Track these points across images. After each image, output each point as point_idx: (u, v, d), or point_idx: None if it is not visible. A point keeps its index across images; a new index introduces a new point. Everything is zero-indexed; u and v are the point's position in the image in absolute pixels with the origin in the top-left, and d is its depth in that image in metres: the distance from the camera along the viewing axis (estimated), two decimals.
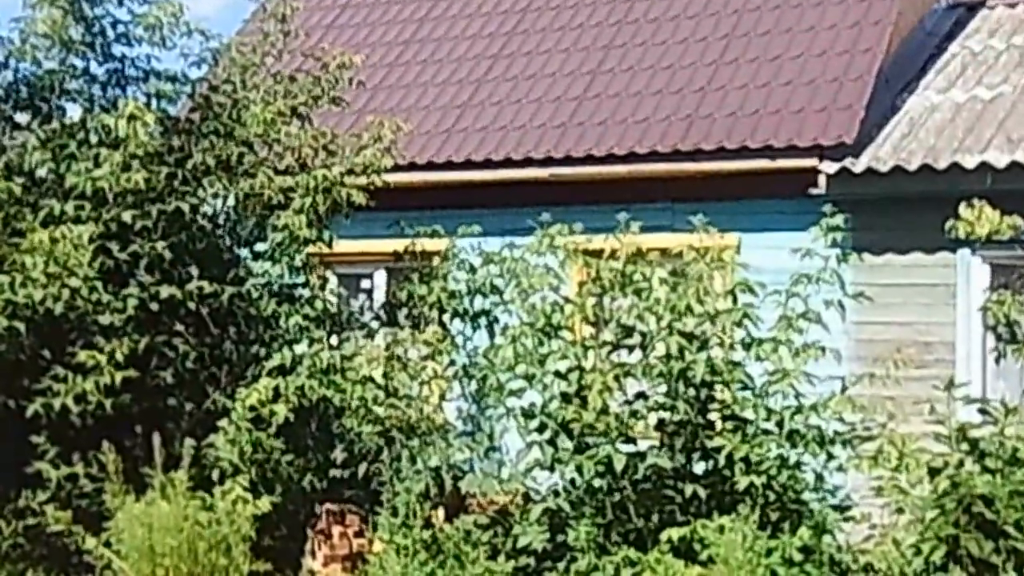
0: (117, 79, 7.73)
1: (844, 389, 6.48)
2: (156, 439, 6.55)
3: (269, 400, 6.92)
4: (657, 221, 7.72)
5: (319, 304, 7.76)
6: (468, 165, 10.09)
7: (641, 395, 6.68)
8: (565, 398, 6.50)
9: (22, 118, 7.71)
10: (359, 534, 7.23)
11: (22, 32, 7.49)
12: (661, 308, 6.48)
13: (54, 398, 6.76)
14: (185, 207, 7.29)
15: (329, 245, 7.98)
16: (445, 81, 11.17)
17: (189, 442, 6.71)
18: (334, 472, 7.40)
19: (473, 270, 7.82)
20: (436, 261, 8.13)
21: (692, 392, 6.44)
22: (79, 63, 7.62)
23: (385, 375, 7.49)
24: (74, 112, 7.82)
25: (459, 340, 7.88)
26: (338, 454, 7.41)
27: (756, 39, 10.31)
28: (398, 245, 8.44)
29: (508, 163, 9.97)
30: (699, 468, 6.52)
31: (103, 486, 6.65)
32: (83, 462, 6.85)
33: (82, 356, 6.76)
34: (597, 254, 6.84)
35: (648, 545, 6.25)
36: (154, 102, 7.50)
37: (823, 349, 6.41)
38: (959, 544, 5.58)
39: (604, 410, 6.38)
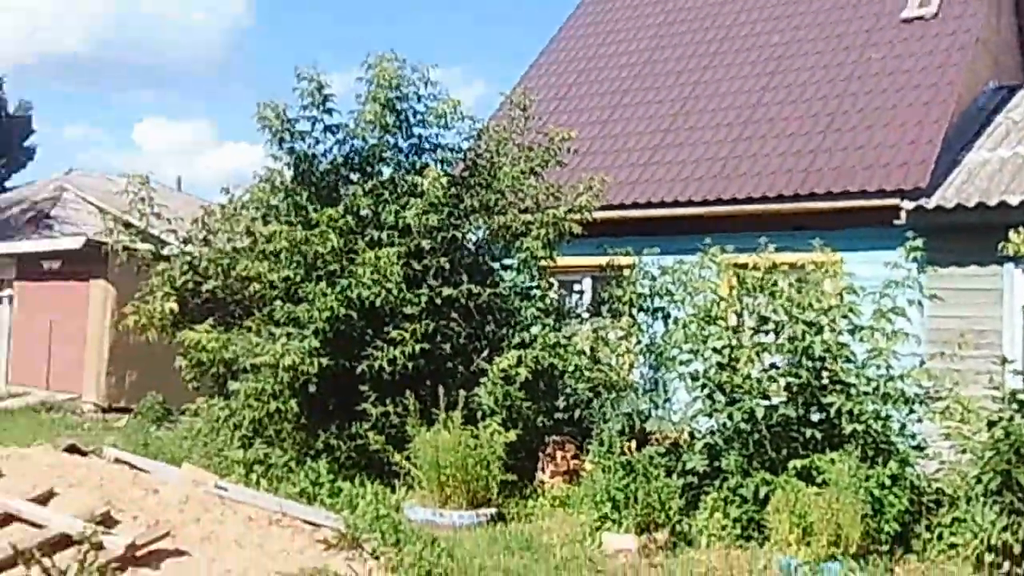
0: (416, 150, 10.68)
1: (922, 363, 8.20)
2: (440, 390, 8.95)
3: (514, 365, 9.36)
4: (786, 243, 9.38)
5: (547, 300, 10.38)
6: (649, 205, 12.66)
7: (773, 365, 8.53)
8: (720, 366, 8.41)
9: (353, 176, 10.72)
10: (575, 457, 9.51)
11: (355, 120, 10.52)
12: (789, 304, 8.36)
13: (375, 361, 9.32)
14: (459, 235, 10.23)
15: (554, 260, 10.67)
16: (632, 147, 13.96)
17: (461, 393, 8.95)
18: (557, 415, 9.80)
19: (653, 278, 9.97)
20: (627, 272, 10.41)
21: (811, 364, 8.16)
22: (391, 140, 10.47)
23: (593, 349, 9.90)
24: (386, 172, 10.69)
25: (643, 327, 10.09)
26: (560, 403, 9.88)
27: (855, 114, 12.54)
28: (601, 261, 10.94)
29: (676, 203, 12.41)
30: (815, 417, 8.15)
31: (406, 420, 8.99)
32: (392, 404, 9.26)
33: (393, 334, 9.38)
34: (743, 266, 8.86)
35: (779, 471, 7.84)
36: (440, 166, 10.43)
37: (906, 334, 8.14)
38: (1011, 476, 6.77)
39: (748, 375, 8.29)
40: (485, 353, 9.88)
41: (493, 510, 8.65)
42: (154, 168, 11.99)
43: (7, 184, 33.87)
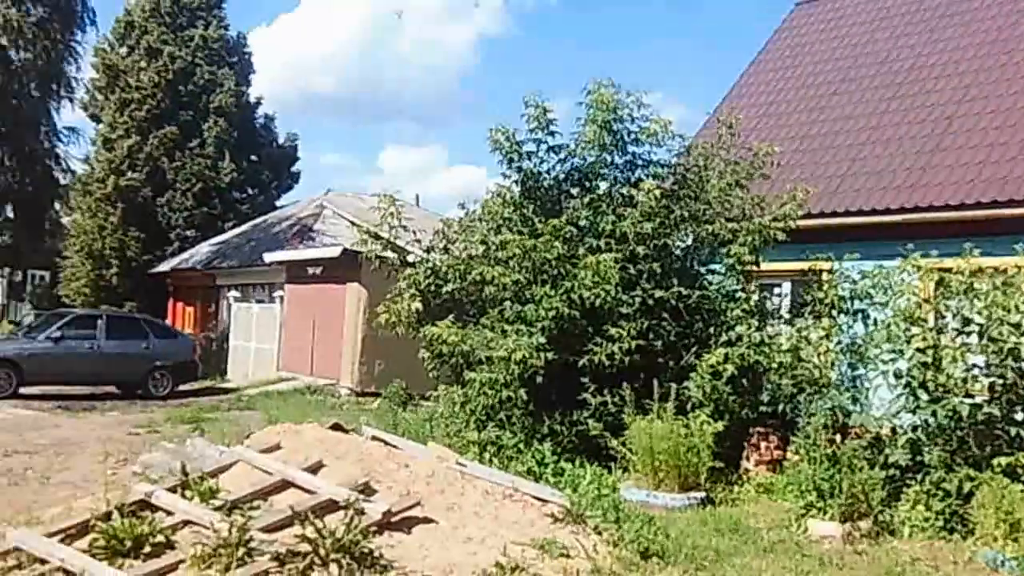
0: (630, 166, 11.57)
1: None
2: (654, 383, 9.71)
3: (721, 362, 10.01)
4: (986, 248, 9.36)
5: (752, 302, 11.00)
6: (848, 213, 12.90)
7: (975, 365, 8.73)
8: (924, 366, 8.64)
9: (574, 191, 11.74)
10: (778, 448, 10.04)
11: (575, 140, 11.55)
12: (993, 307, 8.54)
13: (594, 356, 10.20)
14: (669, 242, 11.07)
15: (759, 265, 11.28)
16: (830, 160, 14.27)
17: (672, 386, 9.66)
18: (761, 408, 10.37)
19: (854, 282, 10.36)
20: (826, 276, 10.80)
21: (1015, 364, 8.37)
22: (608, 157, 11.42)
23: (796, 348, 10.35)
24: (602, 186, 11.64)
25: (843, 328, 10.47)
26: (764, 397, 10.46)
27: None
28: (801, 265, 11.30)
29: (875, 212, 12.61)
30: (1020, 416, 8.35)
31: (622, 409, 9.76)
32: (610, 394, 10.06)
33: (612, 331, 10.24)
34: (945, 270, 9.09)
35: (982, 468, 8.02)
36: (651, 180, 11.21)
37: None
38: None
39: (951, 375, 8.55)
40: (693, 350, 10.57)
41: (702, 494, 9.24)
42: (396, 188, 13.71)
43: (277, 204, 37.71)
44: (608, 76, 11.49)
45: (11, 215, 27.78)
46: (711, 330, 10.83)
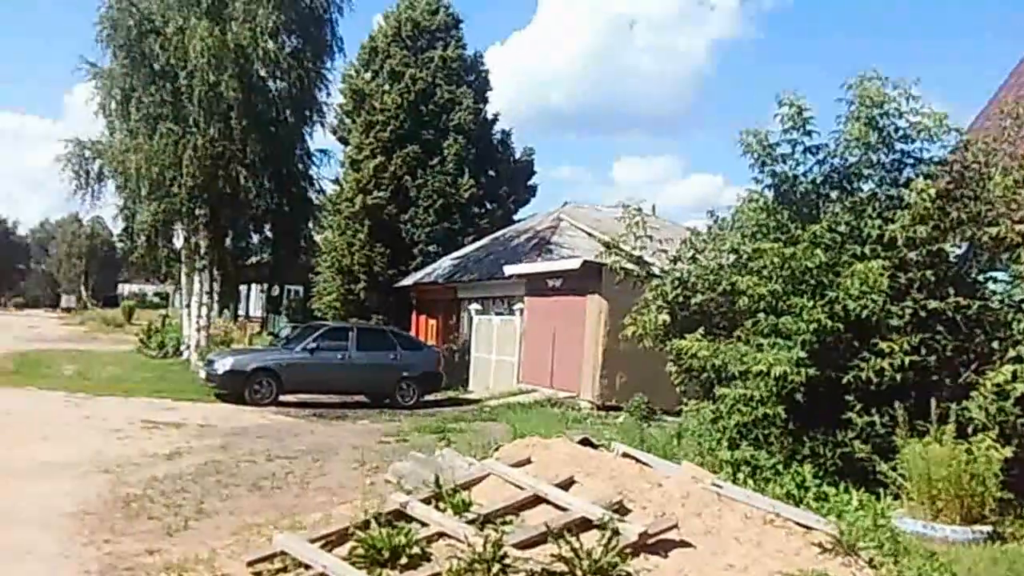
0: (898, 165, 10.66)
1: None
2: (930, 402, 8.86)
3: (1009, 380, 9.01)
4: None
5: None
6: None
7: None
8: None
9: (832, 194, 10.97)
10: None
11: (836, 140, 10.80)
12: None
13: (860, 372, 9.49)
14: (944, 247, 10.15)
15: None
16: None
17: (951, 406, 8.83)
18: None
19: None
20: None
21: None
22: (872, 156, 10.54)
23: None
24: (865, 188, 10.79)
25: None
26: None
27: None
28: None
29: None
30: None
31: (891, 430, 9.03)
32: (878, 414, 9.32)
33: (882, 345, 9.48)
34: None
35: None
36: (922, 179, 10.29)
37: None
38: None
39: None
40: (973, 367, 9.62)
41: (988, 528, 8.34)
42: (640, 199, 13.60)
43: (515, 217, 38.44)
44: (869, 68, 10.67)
45: (269, 234, 29.66)
46: (994, 345, 9.73)
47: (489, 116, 39.19)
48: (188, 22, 25.12)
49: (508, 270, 24.97)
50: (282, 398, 19.66)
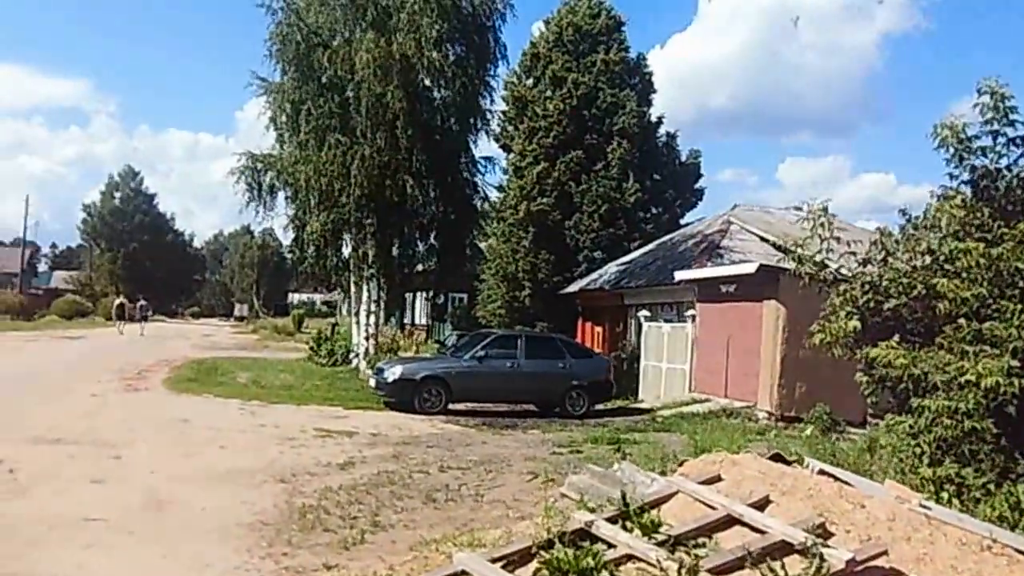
0: None
1: None
2: None
3: None
4: None
5: None
6: None
7: None
8: None
9: None
10: None
11: None
12: None
13: None
14: None
15: None
16: None
17: None
18: None
19: None
20: None
21: None
22: None
23: None
24: None
25: None
26: None
27: None
28: None
29: None
30: None
31: None
32: None
33: None
34: None
35: None
36: None
37: None
38: None
39: None
40: None
41: None
42: (809, 199, 12.70)
43: (681, 222, 37.57)
44: None
45: (435, 242, 29.81)
46: None
47: (653, 119, 38.41)
48: (354, 34, 25.58)
49: (679, 275, 24.22)
50: (451, 407, 19.55)
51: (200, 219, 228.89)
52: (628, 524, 7.35)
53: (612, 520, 7.42)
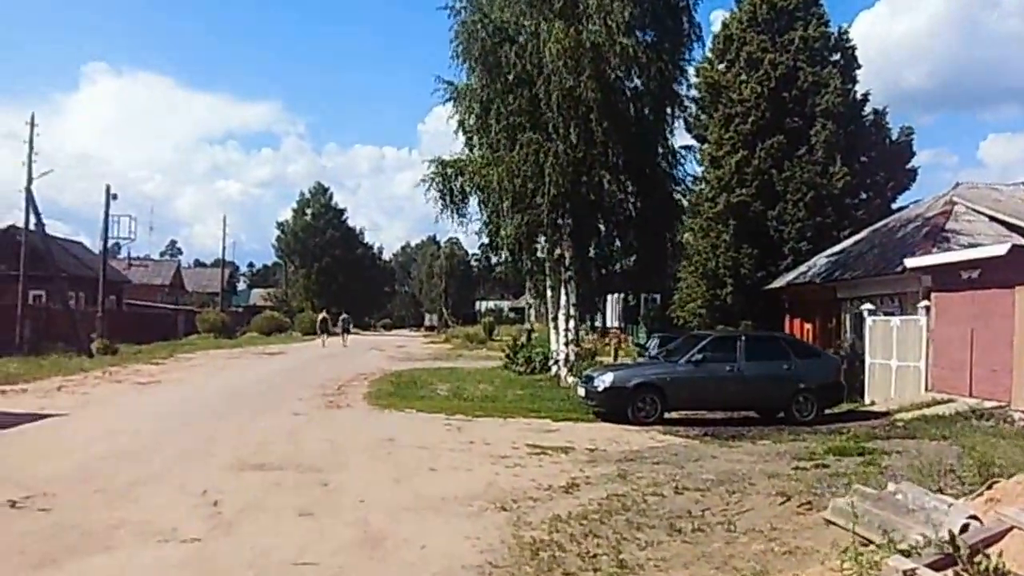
0: None
1: None
2: None
3: None
4: None
5: None
6: None
7: None
8: None
9: None
10: None
11: None
12: None
13: None
14: None
15: None
16: None
17: None
18: None
19: None
20: None
21: None
22: None
23: None
24: None
25: None
26: None
27: None
28: None
29: None
30: None
31: None
32: None
33: None
34: None
35: None
36: None
37: None
38: None
39: None
40: None
41: None
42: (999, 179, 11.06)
43: (893, 206, 34.63)
44: None
45: (633, 241, 28.25)
46: None
47: (859, 96, 35.63)
48: (540, 26, 24.48)
49: (909, 263, 21.86)
50: (665, 416, 17.98)
51: (388, 231, 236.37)
52: (959, 570, 5.75)
53: (935, 566, 5.83)
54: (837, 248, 30.81)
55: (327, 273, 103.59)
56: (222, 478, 10.88)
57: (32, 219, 39.25)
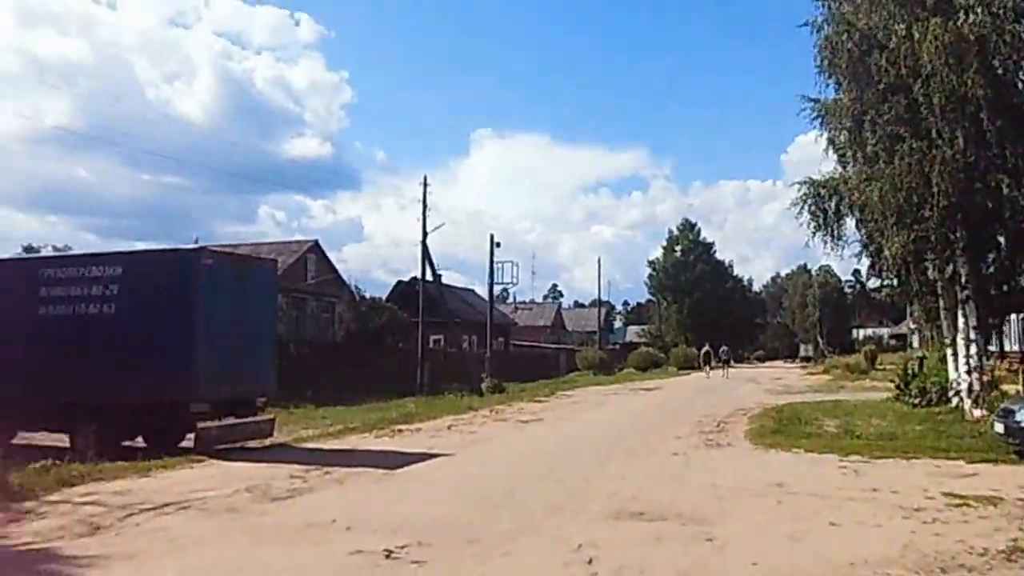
0: None
1: None
2: None
3: None
4: None
5: None
6: None
7: None
8: None
9: None
10: None
11: None
12: None
13: None
14: None
15: None
16: None
17: None
18: None
19: None
20: None
21: None
22: None
23: None
24: None
25: None
26: None
27: None
28: None
29: None
30: None
31: None
32: None
33: None
34: None
35: None
36: None
37: None
38: None
39: None
40: None
41: None
42: None
43: None
44: None
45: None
46: None
47: None
48: (912, 27, 22.19)
49: None
50: None
51: (755, 264, 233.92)
52: None
53: None
54: None
55: (699, 307, 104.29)
56: (598, 529, 10.25)
57: (428, 270, 43.36)
